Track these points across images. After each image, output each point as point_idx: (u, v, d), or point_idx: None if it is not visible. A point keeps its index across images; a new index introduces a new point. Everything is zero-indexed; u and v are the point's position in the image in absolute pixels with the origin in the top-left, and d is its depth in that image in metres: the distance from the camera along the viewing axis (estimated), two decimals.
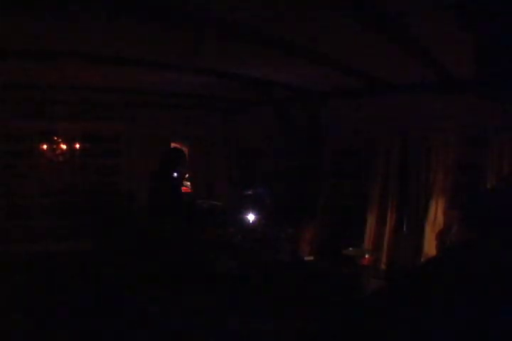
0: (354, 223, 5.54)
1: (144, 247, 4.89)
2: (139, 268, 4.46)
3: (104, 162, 6.73)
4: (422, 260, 4.71)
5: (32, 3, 2.36)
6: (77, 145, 5.31)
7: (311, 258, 4.77)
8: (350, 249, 4.83)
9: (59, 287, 4.78)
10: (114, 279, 4.84)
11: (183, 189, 5.68)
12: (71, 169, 6.37)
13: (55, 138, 4.94)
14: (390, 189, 5.13)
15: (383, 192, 5.18)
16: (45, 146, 4.95)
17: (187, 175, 5.79)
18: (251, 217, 4.88)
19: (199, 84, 5.17)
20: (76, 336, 3.70)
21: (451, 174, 4.62)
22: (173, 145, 7.44)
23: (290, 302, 4.06)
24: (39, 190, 6.36)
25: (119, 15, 2.59)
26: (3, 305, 4.18)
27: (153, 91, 5.72)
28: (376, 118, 5.21)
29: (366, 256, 4.91)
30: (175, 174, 4.10)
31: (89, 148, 6.02)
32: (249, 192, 5.70)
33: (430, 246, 4.62)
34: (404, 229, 5.08)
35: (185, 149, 7.46)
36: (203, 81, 4.79)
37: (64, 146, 4.95)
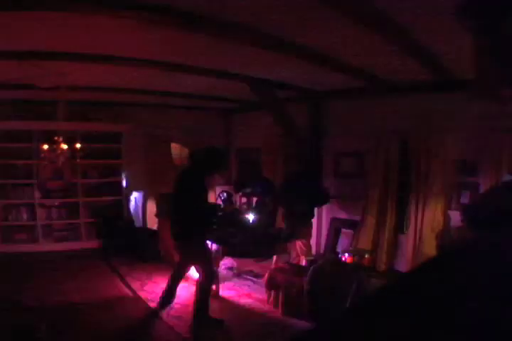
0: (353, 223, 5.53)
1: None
2: None
3: (104, 162, 6.73)
4: (422, 260, 4.70)
5: (32, 4, 2.36)
6: (78, 145, 5.28)
7: (311, 258, 4.76)
8: (350, 248, 4.83)
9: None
10: None
11: None
12: (71, 169, 6.37)
13: (55, 138, 4.91)
14: (390, 189, 5.13)
15: (383, 192, 5.17)
16: (45, 146, 4.92)
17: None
18: (251, 217, 4.87)
19: (199, 85, 5.17)
20: None
21: (451, 174, 4.62)
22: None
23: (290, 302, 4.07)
24: (39, 190, 6.35)
25: (120, 16, 2.60)
26: None
27: (153, 91, 5.72)
28: (376, 118, 5.21)
29: (366, 256, 4.91)
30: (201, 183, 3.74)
31: (89, 148, 6.01)
32: (249, 191, 5.69)
33: (430, 246, 4.62)
34: (404, 229, 5.07)
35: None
36: (204, 81, 4.79)
37: (64, 146, 4.91)
